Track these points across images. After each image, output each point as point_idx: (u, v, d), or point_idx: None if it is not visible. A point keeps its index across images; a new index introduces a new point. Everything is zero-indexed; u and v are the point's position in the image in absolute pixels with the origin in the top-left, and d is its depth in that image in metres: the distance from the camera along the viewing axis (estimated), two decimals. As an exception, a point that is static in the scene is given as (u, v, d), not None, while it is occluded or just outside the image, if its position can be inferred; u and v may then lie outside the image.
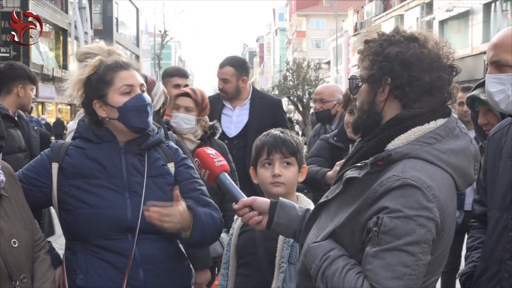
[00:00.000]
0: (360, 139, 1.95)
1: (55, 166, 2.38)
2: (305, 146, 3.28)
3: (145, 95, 2.41)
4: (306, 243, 1.91)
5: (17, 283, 2.08)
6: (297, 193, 2.60)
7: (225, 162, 2.25)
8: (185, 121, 3.79)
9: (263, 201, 2.10)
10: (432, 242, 1.70)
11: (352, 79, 1.95)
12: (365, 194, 1.76)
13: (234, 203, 2.13)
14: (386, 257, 1.67)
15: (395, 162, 1.75)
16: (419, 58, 1.79)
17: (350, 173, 1.82)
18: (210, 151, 2.25)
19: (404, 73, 1.79)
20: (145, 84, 2.47)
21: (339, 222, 1.82)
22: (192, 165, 2.55)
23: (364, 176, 1.77)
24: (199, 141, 3.80)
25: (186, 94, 3.84)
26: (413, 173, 1.70)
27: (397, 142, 1.78)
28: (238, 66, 4.88)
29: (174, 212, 2.26)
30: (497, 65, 2.24)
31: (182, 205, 2.29)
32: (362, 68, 1.89)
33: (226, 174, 2.21)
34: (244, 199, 2.12)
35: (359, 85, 1.91)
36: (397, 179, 1.70)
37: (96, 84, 2.37)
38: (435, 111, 1.82)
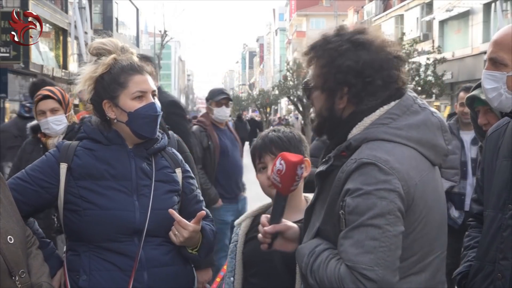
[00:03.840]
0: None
1: (63, 167, 2.36)
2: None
3: (157, 103, 2.40)
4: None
5: (17, 278, 2.10)
6: (305, 194, 2.47)
7: (297, 187, 2.11)
8: (56, 122, 3.76)
9: (296, 231, 2.06)
10: (400, 212, 1.72)
11: (305, 87, 2.00)
12: (333, 184, 1.81)
13: (268, 220, 2.06)
14: (354, 235, 1.71)
15: (357, 149, 1.81)
16: (369, 65, 1.85)
17: (318, 170, 1.90)
18: (301, 171, 2.05)
19: (359, 81, 1.85)
20: (156, 90, 2.45)
21: (321, 219, 1.87)
22: (192, 175, 2.57)
23: (334, 171, 1.84)
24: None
25: (47, 97, 3.78)
26: (367, 152, 1.77)
27: (355, 131, 1.85)
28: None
29: (188, 228, 2.31)
30: (494, 62, 2.25)
31: (197, 227, 2.35)
32: (312, 75, 1.94)
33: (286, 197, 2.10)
34: (279, 225, 2.04)
35: (312, 91, 1.96)
36: (354, 162, 1.77)
37: (109, 84, 2.35)
38: (389, 98, 1.88)
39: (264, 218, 2.08)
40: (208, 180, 5.51)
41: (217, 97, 5.67)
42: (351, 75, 1.85)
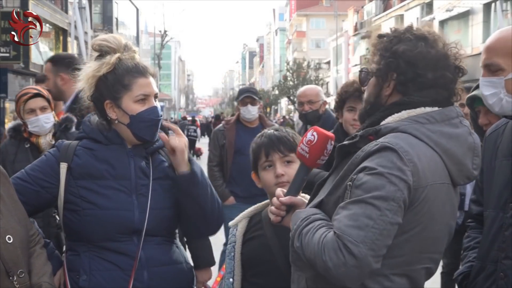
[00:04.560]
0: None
1: (63, 166, 2.36)
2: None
3: (159, 107, 2.41)
4: None
5: (15, 278, 2.09)
6: (302, 194, 2.43)
7: (323, 163, 2.09)
8: (46, 121, 3.77)
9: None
10: (404, 204, 1.71)
11: (362, 71, 2.02)
12: (350, 161, 1.83)
13: (284, 192, 2.06)
14: (352, 208, 1.71)
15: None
16: (424, 57, 1.86)
17: (342, 143, 1.92)
18: (330, 147, 2.05)
19: (409, 70, 1.86)
20: (158, 93, 2.46)
21: (327, 190, 1.88)
22: None
23: (355, 151, 1.84)
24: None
25: (37, 95, 3.80)
26: (392, 139, 1.78)
27: (390, 120, 1.87)
28: (55, 61, 4.45)
29: (184, 136, 2.37)
30: (489, 68, 2.25)
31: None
32: (373, 62, 1.97)
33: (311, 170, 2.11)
34: (295, 197, 2.05)
35: (369, 77, 1.98)
36: (376, 144, 1.78)
37: (113, 85, 2.34)
38: (435, 102, 1.87)
39: (280, 190, 2.07)
40: (219, 177, 5.72)
41: (240, 96, 5.80)
42: (403, 61, 1.86)
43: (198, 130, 28.35)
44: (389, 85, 1.91)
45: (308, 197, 2.50)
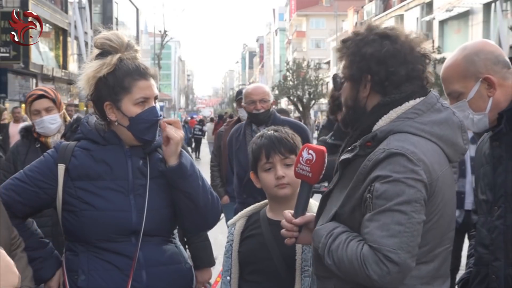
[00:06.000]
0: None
1: (61, 168, 2.36)
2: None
3: (158, 107, 2.40)
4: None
5: None
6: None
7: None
8: (51, 121, 3.77)
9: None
10: (424, 202, 1.80)
11: (335, 78, 2.06)
12: (358, 171, 1.89)
13: (293, 214, 2.09)
14: (380, 219, 1.78)
15: (382, 140, 1.88)
16: (392, 54, 1.94)
17: (342, 157, 1.97)
18: (326, 160, 2.09)
19: (381, 69, 1.94)
20: (158, 95, 2.45)
21: (339, 203, 1.94)
22: None
23: (358, 159, 1.91)
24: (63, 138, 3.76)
25: (42, 96, 3.79)
26: (396, 143, 1.84)
27: (381, 123, 1.93)
28: None
29: (181, 131, 2.33)
30: (452, 96, 2.39)
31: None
32: (342, 67, 2.05)
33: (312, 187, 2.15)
34: (307, 216, 2.09)
35: (343, 82, 2.05)
36: (382, 151, 1.84)
37: (113, 87, 2.32)
38: (414, 93, 1.96)
39: (288, 213, 2.11)
40: (217, 177, 5.85)
41: (237, 97, 5.86)
42: (374, 62, 1.93)
43: (204, 128, 28.22)
44: (365, 87, 1.97)
45: (312, 202, 2.51)
